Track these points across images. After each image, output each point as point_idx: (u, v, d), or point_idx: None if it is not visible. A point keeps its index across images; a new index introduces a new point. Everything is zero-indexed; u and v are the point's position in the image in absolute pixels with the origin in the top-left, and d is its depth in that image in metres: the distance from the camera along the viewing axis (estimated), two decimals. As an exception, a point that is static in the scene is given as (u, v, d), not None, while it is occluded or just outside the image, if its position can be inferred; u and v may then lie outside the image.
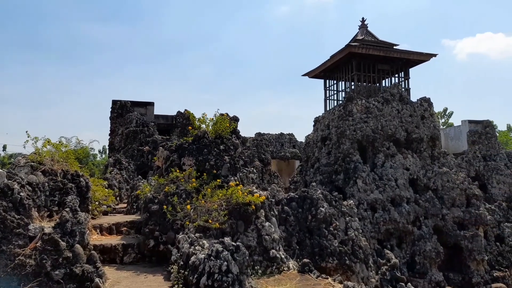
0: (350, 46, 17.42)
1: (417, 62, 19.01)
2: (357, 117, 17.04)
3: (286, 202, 10.88)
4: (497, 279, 15.04)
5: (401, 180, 16.37)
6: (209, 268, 4.61)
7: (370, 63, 18.42)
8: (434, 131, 17.89)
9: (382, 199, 15.60)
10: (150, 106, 19.89)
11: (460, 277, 15.39)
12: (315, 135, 19.83)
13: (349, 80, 18.92)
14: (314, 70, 20.20)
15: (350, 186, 15.98)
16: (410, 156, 17.33)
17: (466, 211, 16.37)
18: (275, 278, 6.87)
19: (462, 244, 15.45)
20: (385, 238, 15.15)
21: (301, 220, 10.50)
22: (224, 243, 4.99)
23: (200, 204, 6.69)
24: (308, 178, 18.77)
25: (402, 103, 17.87)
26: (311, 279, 6.88)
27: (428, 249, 14.64)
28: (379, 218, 15.12)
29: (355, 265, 10.16)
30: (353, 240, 10.58)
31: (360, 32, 19.29)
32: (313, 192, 10.97)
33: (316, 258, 10.04)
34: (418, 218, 15.75)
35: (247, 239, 7.00)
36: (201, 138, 7.59)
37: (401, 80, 19.21)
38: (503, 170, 24.53)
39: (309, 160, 19.89)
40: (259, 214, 7.26)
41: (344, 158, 16.94)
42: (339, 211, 11.15)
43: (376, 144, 17.00)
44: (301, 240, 10.22)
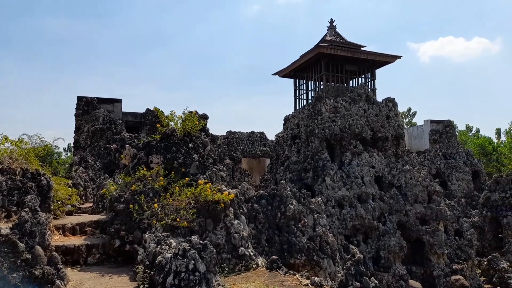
0: (319, 47, 17.73)
1: (383, 63, 19.63)
2: (326, 116, 17.38)
3: (256, 200, 10.95)
4: (456, 272, 15.82)
5: (367, 177, 16.87)
6: (176, 267, 4.57)
7: (338, 63, 18.83)
8: (398, 130, 18.54)
9: (349, 196, 16.01)
10: (118, 103, 19.38)
11: (422, 270, 16.08)
12: (285, 134, 20.05)
13: (318, 80, 19.26)
14: (284, 70, 20.41)
15: (318, 184, 16.28)
16: (376, 154, 17.88)
17: (427, 207, 17.10)
18: (244, 275, 6.91)
19: (424, 239, 16.13)
20: (352, 234, 15.57)
21: (271, 218, 10.61)
22: (191, 241, 4.97)
23: (168, 202, 6.61)
24: (278, 176, 18.96)
25: (369, 103, 18.40)
26: (279, 276, 6.97)
27: (392, 244, 15.19)
28: (346, 214, 15.52)
29: (323, 260, 10.40)
30: (321, 237, 10.81)
31: (329, 33, 19.67)
32: (282, 189, 11.10)
33: (285, 254, 10.19)
34: (383, 214, 16.30)
35: (216, 237, 6.99)
36: (169, 136, 7.49)
37: (368, 81, 19.78)
38: (462, 167, 25.84)
39: (279, 158, 20.09)
40: (228, 212, 7.27)
41: (313, 156, 17.24)
42: (308, 208, 11.36)
43: (344, 142, 17.41)
44: (270, 237, 10.33)
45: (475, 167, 26.48)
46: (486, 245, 20.31)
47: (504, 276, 15.98)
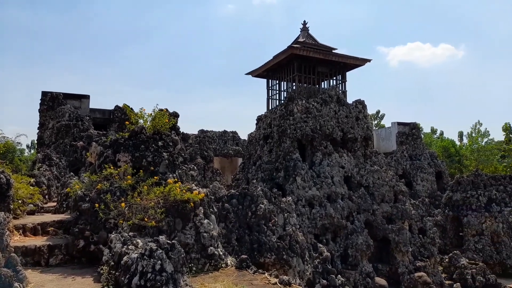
0: (292, 48, 17.91)
1: (354, 66, 20.09)
2: (298, 117, 17.58)
3: (226, 199, 10.93)
4: (419, 269, 16.44)
5: (336, 177, 17.21)
6: (142, 268, 4.49)
7: (310, 65, 19.09)
8: (367, 132, 19.03)
9: (319, 196, 16.28)
10: (85, 99, 18.76)
11: (388, 268, 16.59)
12: (257, 133, 20.11)
13: (290, 81, 19.45)
14: (258, 69, 20.47)
15: (290, 183, 16.45)
16: (346, 155, 18.28)
17: (393, 206, 17.67)
18: (213, 275, 6.87)
19: (390, 237, 16.65)
20: (321, 233, 15.84)
21: (241, 217, 10.62)
22: (158, 241, 4.89)
23: (135, 202, 6.47)
24: (250, 175, 19.00)
25: (339, 105, 18.78)
26: (248, 275, 6.98)
27: (359, 242, 15.58)
28: (316, 213, 15.76)
29: (292, 259, 10.51)
30: (291, 235, 10.93)
31: (302, 35, 19.90)
32: (253, 189, 11.13)
33: (255, 253, 10.23)
34: (352, 213, 16.69)
35: (184, 237, 6.92)
36: (138, 133, 7.33)
37: (339, 83, 20.18)
38: (426, 168, 26.88)
39: (252, 158, 20.13)
40: (198, 212, 7.21)
41: (285, 156, 17.40)
42: (278, 207, 11.45)
43: (315, 143, 17.68)
44: (240, 237, 10.33)
45: (439, 168, 27.61)
46: (448, 243, 21.23)
47: (464, 272, 16.75)
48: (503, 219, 19.81)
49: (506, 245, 19.31)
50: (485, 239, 19.48)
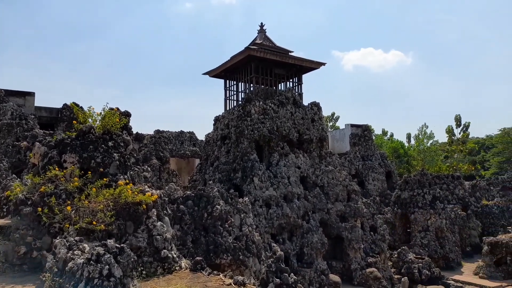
0: (249, 49, 17.99)
1: (309, 69, 20.57)
2: (255, 118, 17.69)
3: (182, 201, 10.75)
4: (371, 264, 17.13)
5: (293, 177, 17.51)
6: (88, 273, 4.28)
7: (267, 66, 19.29)
8: (322, 133, 19.56)
9: (276, 196, 16.47)
10: (30, 96, 17.61)
11: (341, 265, 17.14)
12: (215, 134, 19.97)
13: (248, 82, 19.53)
14: (215, 70, 20.34)
15: (247, 184, 16.49)
16: (302, 155, 18.65)
17: (347, 205, 18.28)
18: (166, 278, 6.72)
19: (343, 235, 17.21)
20: (278, 232, 16.03)
21: (197, 218, 10.48)
22: (106, 245, 4.69)
23: (83, 205, 6.17)
24: (208, 176, 18.82)
25: (295, 107, 19.14)
26: (203, 277, 6.90)
27: (315, 240, 15.95)
28: (273, 213, 15.93)
29: (248, 259, 10.54)
30: (247, 236, 10.96)
31: (259, 37, 20.06)
32: (209, 190, 11.04)
33: (211, 255, 10.14)
34: (307, 213, 17.05)
35: (136, 240, 6.71)
36: (86, 133, 7.00)
37: (295, 85, 20.56)
38: (377, 168, 28.12)
39: (209, 159, 19.95)
40: (150, 214, 7.02)
41: (242, 157, 17.43)
42: (235, 208, 11.44)
43: (272, 144, 17.87)
44: (196, 238, 10.20)
45: (389, 168, 29.00)
46: (397, 239, 22.33)
47: (411, 266, 17.70)
48: (446, 215, 21.17)
49: (449, 240, 20.66)
50: (430, 235, 20.71)
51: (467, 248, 21.97)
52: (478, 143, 61.67)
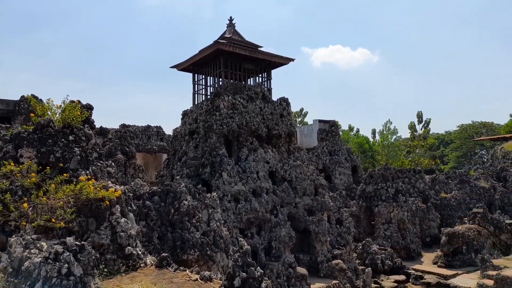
0: (218, 43, 17.82)
1: (278, 64, 20.67)
2: (224, 113, 17.58)
3: (148, 197, 10.53)
4: (336, 256, 17.58)
5: (262, 172, 17.60)
6: (46, 273, 4.11)
7: (236, 61, 19.20)
8: (290, 128, 19.76)
9: (244, 191, 16.50)
10: (-16, 88, 16.52)
11: (308, 257, 17.47)
12: (183, 129, 19.69)
13: (217, 76, 19.36)
14: (183, 63, 20.00)
15: (216, 179, 16.40)
16: (270, 150, 18.77)
17: (314, 199, 18.62)
18: (130, 275, 6.58)
19: (310, 228, 17.52)
20: (247, 227, 16.08)
21: (164, 214, 10.32)
22: (66, 243, 4.51)
23: (41, 201, 5.90)
24: (175, 171, 18.55)
25: (265, 102, 19.20)
26: (169, 273, 6.81)
27: (283, 234, 16.14)
28: (241, 208, 15.95)
29: (216, 255, 10.51)
30: (215, 231, 10.91)
31: (228, 31, 19.91)
32: (176, 185, 10.88)
33: (178, 251, 10.02)
34: (275, 207, 17.21)
35: (99, 237, 6.51)
36: (45, 127, 6.68)
37: (264, 80, 20.62)
38: (343, 163, 28.81)
39: (177, 154, 19.66)
40: (114, 210, 6.83)
41: (211, 152, 17.30)
42: (203, 203, 11.34)
43: (241, 139, 17.86)
44: (162, 235, 10.04)
45: (354, 163, 29.80)
46: (362, 231, 23.04)
47: (374, 257, 18.34)
48: (407, 208, 22.07)
49: (410, 231, 21.56)
50: (392, 227, 21.52)
51: (427, 239, 23.02)
52: (438, 139, 64.73)
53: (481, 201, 26.17)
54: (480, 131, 60.01)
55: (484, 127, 60.40)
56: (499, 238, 20.20)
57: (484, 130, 59.90)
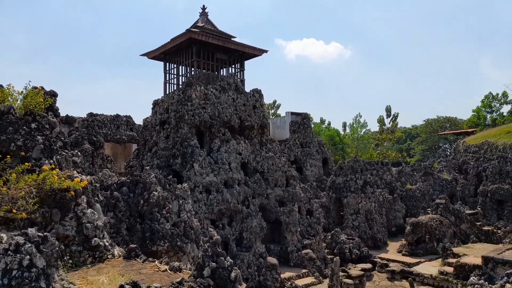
0: (190, 32, 17.49)
1: (251, 55, 20.58)
2: (196, 103, 17.36)
3: (116, 187, 10.30)
4: (306, 246, 17.94)
5: (234, 163, 17.59)
6: (6, 265, 3.94)
7: (209, 51, 18.95)
8: (263, 120, 19.81)
9: (216, 182, 16.45)
10: None
11: (279, 247, 17.73)
12: (153, 118, 19.30)
13: (189, 66, 19.04)
14: (154, 51, 19.51)
15: (187, 170, 16.24)
16: (243, 142, 18.77)
17: (285, 190, 18.85)
18: (97, 267, 6.45)
19: (281, 219, 17.76)
20: (218, 218, 16.08)
21: (133, 205, 10.13)
22: (27, 234, 4.34)
23: (1, 191, 5.63)
24: (145, 162, 18.19)
25: (237, 93, 19.11)
26: (137, 264, 6.72)
27: (254, 225, 16.27)
28: (213, 199, 15.91)
29: (187, 245, 10.46)
30: (186, 222, 10.85)
31: (201, 20, 19.57)
32: (146, 176, 10.70)
33: (147, 242, 9.89)
34: (247, 198, 17.29)
35: (63, 229, 6.32)
36: (5, 114, 6.36)
37: (237, 71, 20.49)
38: (315, 155, 29.27)
39: (147, 144, 19.27)
40: (80, 201, 6.63)
41: (182, 143, 17.08)
42: (173, 194, 11.23)
43: (213, 129, 17.73)
44: (131, 226, 9.87)
45: (325, 155, 30.34)
46: (331, 221, 23.59)
47: (343, 247, 18.85)
48: (375, 199, 22.77)
49: (377, 221, 22.29)
50: (360, 217, 22.16)
51: (393, 229, 23.89)
52: (405, 133, 66.97)
53: (444, 192, 27.43)
54: (445, 125, 62.60)
55: (448, 122, 63.04)
56: (460, 227, 21.27)
57: (448, 124, 62.54)
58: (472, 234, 21.06)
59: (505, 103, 48.69)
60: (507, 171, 26.04)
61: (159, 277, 5.95)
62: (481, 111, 49.61)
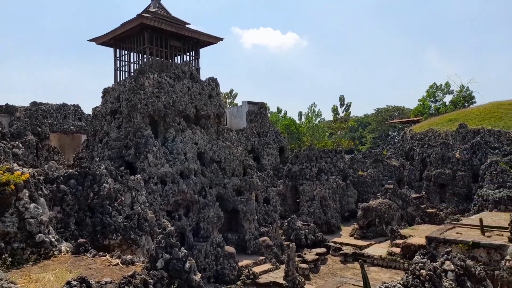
0: (142, 17, 16.79)
1: (207, 43, 20.21)
2: (149, 91, 16.80)
3: (63, 180, 9.75)
4: (263, 234, 18.20)
5: (190, 154, 17.32)
6: None
7: (162, 37, 18.34)
8: (219, 109, 19.63)
9: (172, 172, 16.12)
10: None
11: (237, 236, 17.82)
12: (104, 108, 18.44)
13: (141, 53, 18.33)
14: (103, 37, 18.54)
15: (141, 161, 15.76)
16: (199, 131, 18.50)
17: (243, 180, 18.92)
18: (42, 264, 6.10)
19: (238, 208, 17.83)
20: (174, 209, 15.82)
21: (82, 199, 9.67)
22: (-42, 232, 3.97)
23: None
24: (96, 153, 17.41)
25: (193, 81, 18.74)
26: (87, 259, 6.44)
27: (211, 215, 16.19)
28: (168, 190, 15.60)
29: (141, 238, 10.19)
30: (139, 214, 10.54)
31: (153, 5, 18.84)
32: (96, 167, 10.23)
33: (98, 236, 9.51)
34: (204, 188, 17.15)
35: (3, 225, 5.90)
36: None
37: (192, 59, 20.05)
38: (271, 144, 29.61)
39: (97, 134, 18.42)
40: (21, 195, 6.21)
41: (135, 133, 16.51)
42: (126, 186, 10.85)
43: (168, 119, 17.29)
44: (80, 220, 9.43)
45: (282, 144, 30.79)
46: (288, 209, 24.08)
47: (299, 233, 19.34)
48: (329, 186, 23.54)
49: (331, 207, 23.09)
50: (315, 204, 22.83)
51: (346, 214, 24.89)
52: (358, 121, 69.67)
53: (392, 178, 28.95)
54: (393, 114, 65.85)
55: (396, 111, 66.36)
56: (406, 210, 22.62)
57: (396, 113, 65.84)
58: (418, 216, 22.48)
59: (447, 93, 52.06)
60: (449, 157, 27.97)
61: (110, 271, 5.75)
62: (426, 101, 52.66)
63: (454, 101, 49.96)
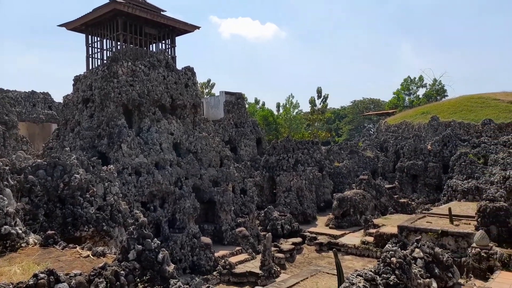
0: (115, 2, 16.22)
1: (183, 31, 19.80)
2: (123, 80, 16.35)
3: (31, 171, 9.37)
4: (240, 224, 18.23)
5: (165, 144, 17.04)
6: None
7: (137, 24, 17.82)
8: (196, 99, 19.36)
9: (146, 163, 15.83)
10: None
11: (213, 227, 17.78)
12: (75, 96, 17.82)
13: (114, 40, 17.76)
14: (74, 22, 17.83)
15: (114, 151, 15.38)
16: (175, 121, 18.21)
17: (219, 170, 18.82)
18: (8, 257, 5.87)
19: (215, 199, 17.76)
20: (149, 200, 15.58)
21: (51, 190, 9.33)
22: None
23: None
24: (67, 143, 16.85)
25: (168, 70, 18.36)
26: (56, 251, 6.24)
27: (187, 206, 16.05)
28: (143, 181, 15.33)
29: (114, 229, 9.97)
30: (112, 205, 10.30)
31: (128, -10, 18.22)
32: (66, 157, 9.88)
33: (69, 228, 9.24)
34: (180, 179, 16.94)
35: (-36, 218, 5.60)
36: None
37: (168, 47, 19.61)
38: (249, 135, 29.57)
39: (68, 124, 17.82)
40: (-16, 186, 5.90)
41: (108, 122, 16.07)
42: (98, 176, 10.56)
43: (143, 108, 16.91)
44: (50, 211, 9.12)
45: (259, 135, 30.81)
46: (264, 199, 24.20)
47: (275, 223, 19.49)
48: (305, 177, 23.77)
49: (307, 197, 23.36)
50: (292, 194, 23.03)
51: (322, 204, 25.26)
52: (334, 113, 70.56)
53: (367, 169, 29.58)
54: (369, 106, 67.09)
55: (372, 103, 67.63)
56: (380, 200, 23.18)
57: (372, 106, 67.11)
58: (390, 206, 23.09)
59: (421, 86, 53.43)
60: (421, 149, 28.79)
61: (80, 264, 5.58)
62: (400, 93, 53.89)
63: (427, 94, 51.36)
